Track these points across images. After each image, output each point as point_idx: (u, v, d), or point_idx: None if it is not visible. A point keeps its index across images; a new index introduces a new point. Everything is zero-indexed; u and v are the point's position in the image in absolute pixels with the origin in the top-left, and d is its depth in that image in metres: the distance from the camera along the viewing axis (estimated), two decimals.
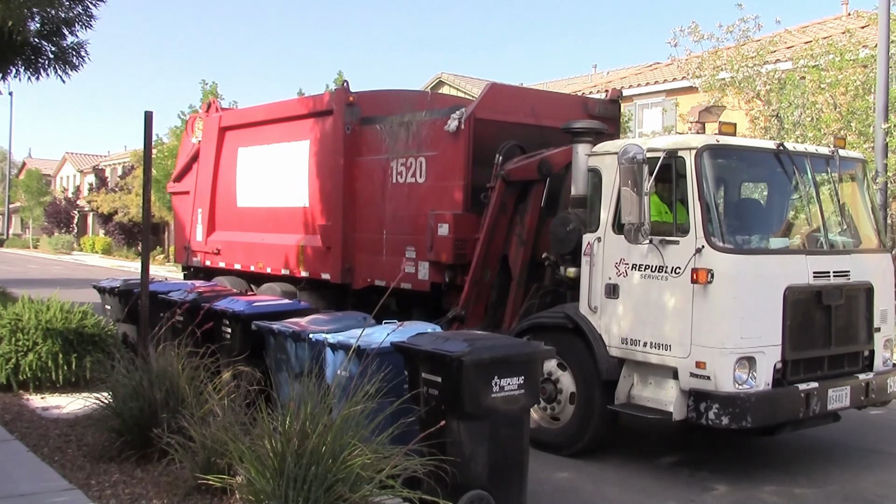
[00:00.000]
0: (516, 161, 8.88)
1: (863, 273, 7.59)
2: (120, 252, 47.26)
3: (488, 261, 8.89)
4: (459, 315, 8.81)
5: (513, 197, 8.86)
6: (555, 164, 8.70)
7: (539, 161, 8.68)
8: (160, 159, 31.16)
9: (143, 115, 7.83)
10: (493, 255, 8.91)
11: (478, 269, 8.83)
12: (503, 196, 8.80)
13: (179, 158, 15.12)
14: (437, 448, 5.32)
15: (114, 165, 58.60)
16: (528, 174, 8.73)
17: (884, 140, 12.16)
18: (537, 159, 8.72)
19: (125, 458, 6.45)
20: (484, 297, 9.02)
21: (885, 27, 12.27)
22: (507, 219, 8.88)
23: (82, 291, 13.99)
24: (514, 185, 8.83)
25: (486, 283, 8.98)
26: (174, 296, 9.40)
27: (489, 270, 8.94)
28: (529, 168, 8.73)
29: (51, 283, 17.90)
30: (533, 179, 8.73)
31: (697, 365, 6.76)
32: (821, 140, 13.35)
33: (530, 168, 8.72)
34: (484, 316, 9.07)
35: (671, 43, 17.03)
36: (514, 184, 8.82)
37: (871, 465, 7.79)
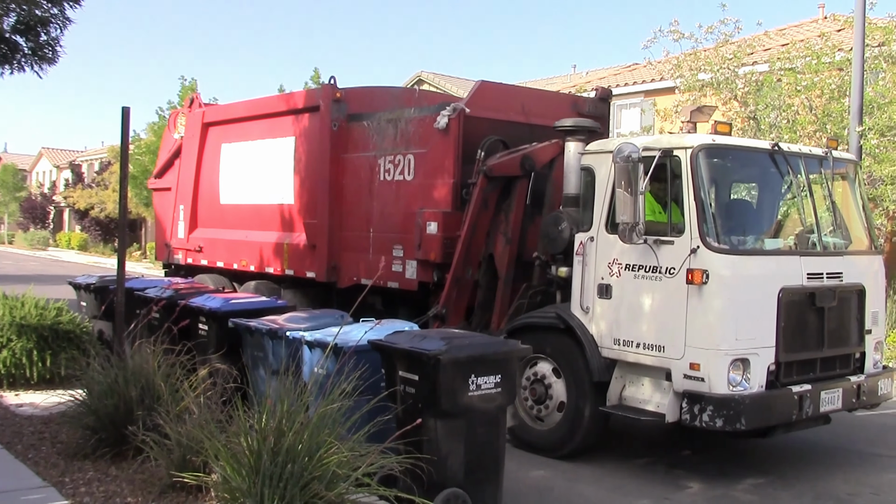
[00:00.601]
0: (499, 156, 8.74)
1: (855, 275, 7.56)
2: (96, 248, 46.77)
3: (470, 258, 8.77)
4: (440, 314, 8.67)
5: (495, 193, 8.71)
6: (538, 159, 8.60)
7: (522, 156, 8.57)
8: (137, 155, 30.81)
9: (121, 110, 7.77)
10: (474, 253, 8.79)
11: (459, 266, 8.69)
12: (485, 192, 8.63)
13: (161, 154, 14.90)
14: (414, 446, 5.33)
15: (90, 161, 58.04)
16: (511, 170, 8.59)
17: (858, 143, 12.22)
18: (520, 155, 8.60)
19: (100, 456, 6.42)
20: (465, 296, 8.89)
21: (861, 31, 12.33)
22: (489, 216, 8.74)
23: (58, 288, 13.86)
24: (496, 181, 8.67)
25: (468, 281, 8.85)
26: (150, 293, 9.27)
27: (470, 268, 8.82)
28: (512, 164, 8.59)
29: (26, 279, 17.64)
30: (516, 175, 8.60)
31: (691, 366, 6.69)
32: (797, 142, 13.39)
33: (513, 164, 8.58)
34: (465, 314, 8.97)
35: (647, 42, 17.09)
36: (497, 180, 8.66)
37: (843, 464, 7.82)
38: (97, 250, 46.22)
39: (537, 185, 8.68)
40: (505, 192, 8.73)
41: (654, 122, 19.61)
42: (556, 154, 8.65)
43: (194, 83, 30.10)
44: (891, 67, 14.44)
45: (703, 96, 16.02)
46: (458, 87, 27.55)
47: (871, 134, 13.30)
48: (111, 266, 30.42)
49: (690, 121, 8.26)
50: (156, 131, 30.12)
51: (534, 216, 8.71)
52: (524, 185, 8.63)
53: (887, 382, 7.83)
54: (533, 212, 8.71)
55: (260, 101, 12.57)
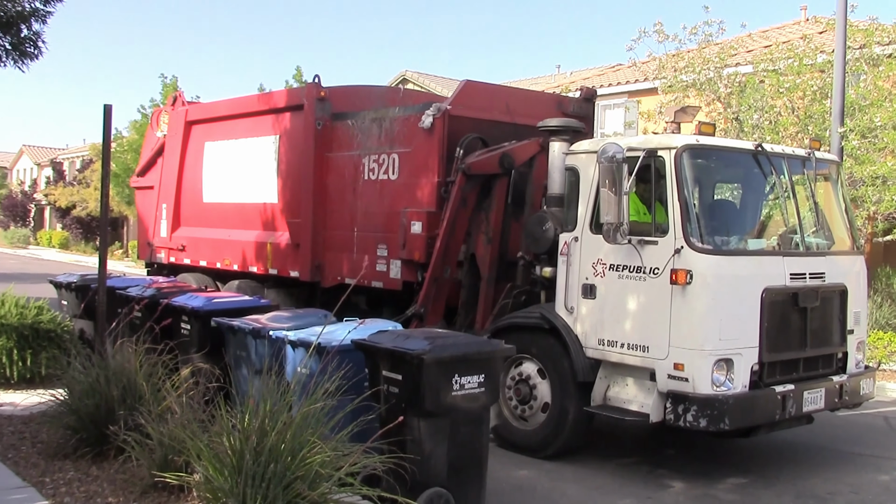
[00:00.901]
0: (477, 154, 8.70)
1: (837, 275, 7.60)
2: (77, 247, 46.42)
3: (448, 257, 8.73)
4: (419, 313, 8.64)
5: (474, 191, 8.68)
6: (517, 157, 8.58)
7: (501, 154, 8.54)
8: (119, 153, 30.57)
9: (103, 108, 7.74)
10: (452, 252, 8.76)
11: (437, 266, 8.65)
12: (464, 190, 8.59)
13: (143, 152, 14.78)
14: (397, 446, 5.33)
15: (72, 159, 57.58)
16: (490, 168, 8.55)
17: (839, 144, 12.31)
18: (499, 153, 8.58)
19: (80, 456, 6.38)
20: (444, 295, 8.87)
21: (842, 33, 12.41)
22: (467, 214, 8.71)
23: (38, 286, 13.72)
24: (475, 180, 8.63)
25: (447, 281, 8.82)
26: (132, 291, 9.22)
27: (449, 267, 8.79)
28: (491, 161, 8.56)
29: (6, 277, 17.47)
30: (495, 174, 8.57)
31: (675, 366, 6.70)
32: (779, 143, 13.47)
33: (492, 161, 8.55)
34: (445, 314, 8.96)
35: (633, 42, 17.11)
36: (476, 178, 8.62)
37: (823, 463, 7.88)
38: (78, 249, 45.88)
39: (518, 184, 8.67)
40: (485, 190, 8.71)
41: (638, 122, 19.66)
42: (535, 152, 8.65)
43: (175, 81, 29.90)
44: (872, 70, 14.53)
45: (685, 97, 16.08)
46: (443, 87, 27.54)
47: (853, 135, 13.38)
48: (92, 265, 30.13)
49: (674, 121, 8.26)
50: (138, 129, 29.88)
51: (515, 215, 8.70)
52: (504, 184, 8.61)
53: (869, 382, 7.88)
54: (514, 211, 8.70)
55: (244, 99, 12.51)
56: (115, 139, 31.60)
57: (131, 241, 37.59)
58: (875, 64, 14.62)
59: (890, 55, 14.67)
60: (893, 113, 13.28)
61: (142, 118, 30.49)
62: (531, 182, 8.66)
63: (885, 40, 14.99)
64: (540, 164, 8.63)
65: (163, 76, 31.05)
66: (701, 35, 16.55)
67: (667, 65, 16.68)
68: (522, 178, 8.67)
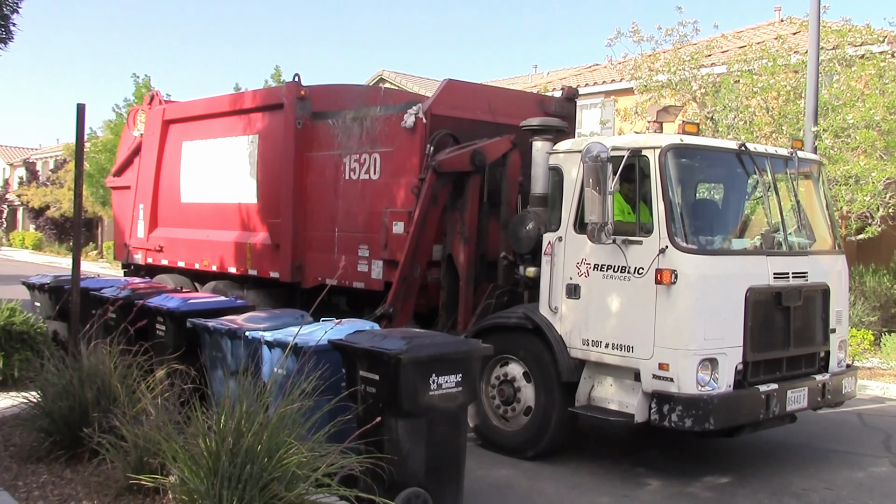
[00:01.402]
0: (448, 151, 8.61)
1: (820, 274, 7.64)
2: (51, 248, 45.86)
3: (418, 256, 8.66)
4: (388, 313, 8.55)
5: (445, 189, 8.58)
6: (489, 154, 8.53)
7: (472, 152, 8.47)
8: (93, 153, 30.20)
9: (76, 107, 7.62)
10: (423, 251, 8.69)
11: (407, 265, 8.57)
12: (434, 188, 8.48)
13: (120, 152, 14.59)
14: (375, 446, 5.33)
15: (45, 159, 56.88)
16: (461, 165, 8.47)
17: (813, 143, 12.42)
18: (470, 150, 8.50)
19: (54, 459, 6.31)
20: (413, 295, 8.79)
21: (815, 34, 12.52)
22: (438, 212, 8.63)
23: (11, 288, 13.58)
24: (446, 177, 8.53)
25: (416, 280, 8.74)
26: (107, 293, 9.11)
27: (419, 266, 8.71)
28: (462, 159, 8.47)
29: None
30: (467, 171, 8.49)
31: (660, 366, 6.70)
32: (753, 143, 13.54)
33: (463, 159, 8.47)
34: (425, 315, 8.92)
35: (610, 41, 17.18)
36: (447, 175, 8.52)
37: (799, 460, 7.94)
38: (52, 250, 45.33)
39: (492, 182, 8.63)
40: (457, 189, 8.62)
41: (614, 121, 19.73)
42: (507, 149, 8.62)
43: (147, 80, 29.57)
44: (845, 70, 14.68)
45: (661, 97, 16.16)
46: (420, 87, 27.47)
47: (826, 135, 13.50)
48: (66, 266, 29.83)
49: (657, 121, 8.30)
50: (113, 129, 29.52)
51: (490, 214, 8.66)
52: (477, 182, 8.55)
53: (851, 381, 7.93)
54: (490, 210, 8.66)
55: (222, 98, 12.38)
56: (90, 139, 31.21)
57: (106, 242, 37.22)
58: (848, 64, 14.77)
59: (863, 56, 14.82)
60: (866, 112, 13.42)
61: (116, 118, 30.11)
62: (505, 180, 8.61)
63: (857, 41, 15.14)
64: (513, 161, 8.59)
65: (135, 76, 30.73)
66: (676, 36, 16.67)
67: (642, 65, 16.77)
68: (496, 176, 8.63)
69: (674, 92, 16.18)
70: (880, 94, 13.64)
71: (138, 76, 29.81)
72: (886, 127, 13.46)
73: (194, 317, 7.78)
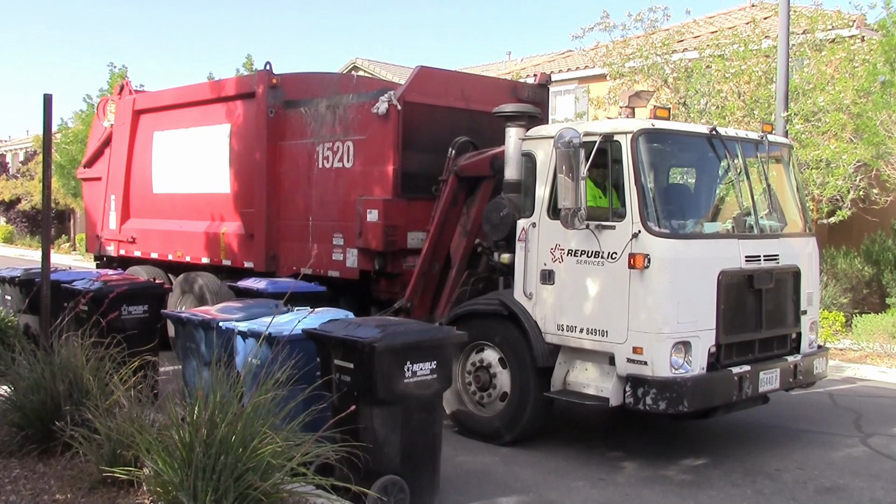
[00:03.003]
0: (468, 157, 8.72)
1: (790, 257, 7.72)
2: (23, 241, 45.24)
3: (437, 254, 8.72)
4: (405, 307, 8.61)
5: (464, 192, 8.72)
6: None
7: (491, 157, 8.52)
8: (64, 144, 29.85)
9: (42, 98, 7.52)
10: (441, 248, 8.75)
11: (426, 261, 8.63)
12: (455, 191, 8.64)
13: (90, 143, 14.43)
14: (350, 434, 5.33)
15: (15, 151, 56.06)
16: (481, 170, 8.57)
17: (784, 128, 12.54)
18: (489, 156, 8.55)
19: (26, 453, 6.24)
20: (431, 289, 8.84)
21: (785, 19, 12.61)
22: (457, 212, 8.73)
23: None
24: (466, 181, 8.68)
25: (434, 275, 8.80)
26: (78, 285, 9.01)
27: (437, 263, 8.78)
28: (482, 164, 8.57)
29: None
30: (484, 175, 8.59)
31: (634, 350, 6.75)
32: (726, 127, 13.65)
33: (483, 164, 8.56)
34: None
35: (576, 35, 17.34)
36: (467, 179, 8.67)
37: (771, 441, 8.03)
38: (24, 243, 44.73)
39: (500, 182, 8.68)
40: (471, 189, 8.73)
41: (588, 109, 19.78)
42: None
43: (124, 70, 29.19)
44: (815, 54, 14.79)
45: (634, 83, 16.22)
46: (393, 75, 27.34)
47: (797, 119, 13.62)
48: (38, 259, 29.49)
49: (629, 106, 8.29)
50: (84, 120, 29.15)
51: None
52: (490, 184, 8.62)
53: (822, 362, 8.03)
54: None
55: (193, 87, 12.27)
56: (60, 130, 30.84)
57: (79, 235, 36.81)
58: (818, 49, 14.88)
59: (832, 40, 14.94)
60: (836, 95, 13.54)
61: (88, 108, 29.73)
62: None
63: (827, 26, 15.26)
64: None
65: (111, 65, 30.35)
66: (646, 21, 16.73)
67: (613, 51, 16.82)
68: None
69: (646, 77, 16.25)
70: (850, 78, 13.77)
71: (115, 66, 29.45)
72: (856, 110, 13.60)
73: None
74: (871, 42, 14.74)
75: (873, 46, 14.31)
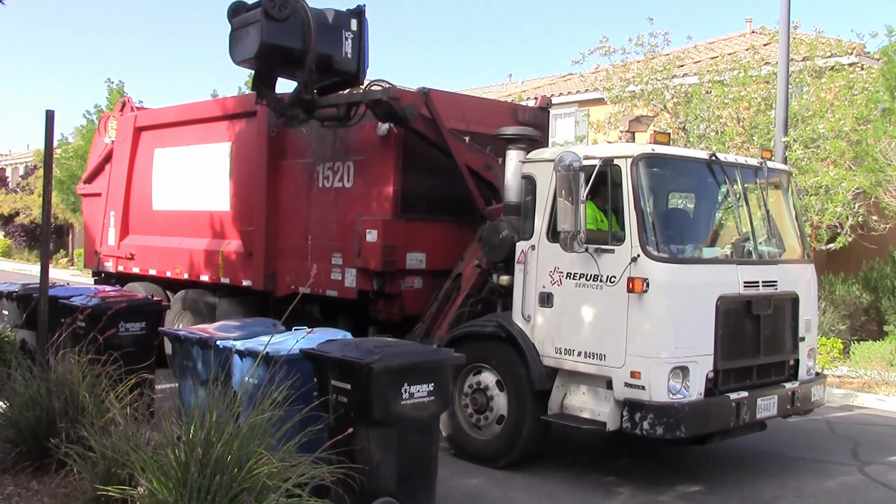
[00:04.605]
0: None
1: (789, 283, 7.72)
2: (21, 255, 45.20)
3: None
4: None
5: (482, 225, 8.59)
6: None
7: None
8: (64, 159, 29.89)
9: (45, 114, 7.54)
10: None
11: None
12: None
13: (90, 159, 14.44)
14: (346, 456, 5.29)
15: (15, 165, 56.15)
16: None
17: (783, 154, 12.59)
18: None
19: (20, 470, 6.24)
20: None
21: (785, 45, 12.71)
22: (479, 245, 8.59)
23: None
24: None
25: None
26: (76, 301, 9.00)
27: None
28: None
29: None
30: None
31: (632, 374, 6.73)
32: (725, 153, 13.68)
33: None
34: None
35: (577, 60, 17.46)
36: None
37: (768, 468, 8.00)
38: (22, 257, 44.68)
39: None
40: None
41: (588, 132, 19.86)
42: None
43: (121, 86, 29.31)
44: (815, 81, 14.88)
45: (633, 108, 16.30)
46: None
47: (796, 145, 13.68)
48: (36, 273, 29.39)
49: (629, 130, 8.34)
50: (84, 135, 29.20)
51: None
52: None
53: (820, 389, 8.01)
54: None
55: (195, 105, 12.30)
56: (60, 145, 30.88)
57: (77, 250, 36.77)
58: (818, 76, 14.97)
59: (832, 67, 15.03)
60: (835, 122, 13.60)
61: (88, 123, 29.80)
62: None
63: (826, 53, 15.36)
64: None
65: (109, 81, 30.44)
66: (647, 46, 16.83)
67: (614, 76, 16.91)
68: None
69: (646, 103, 16.33)
70: (849, 105, 13.84)
71: (112, 81, 29.55)
72: (855, 137, 13.66)
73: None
74: (870, 70, 14.83)
75: (873, 74, 14.39)
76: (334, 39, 8.66)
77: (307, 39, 8.45)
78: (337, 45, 8.69)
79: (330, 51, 8.66)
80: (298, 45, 8.45)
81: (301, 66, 8.58)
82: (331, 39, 8.65)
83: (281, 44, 8.39)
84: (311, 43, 8.44)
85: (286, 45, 8.42)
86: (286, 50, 8.46)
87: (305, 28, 8.45)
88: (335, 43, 8.69)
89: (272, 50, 8.42)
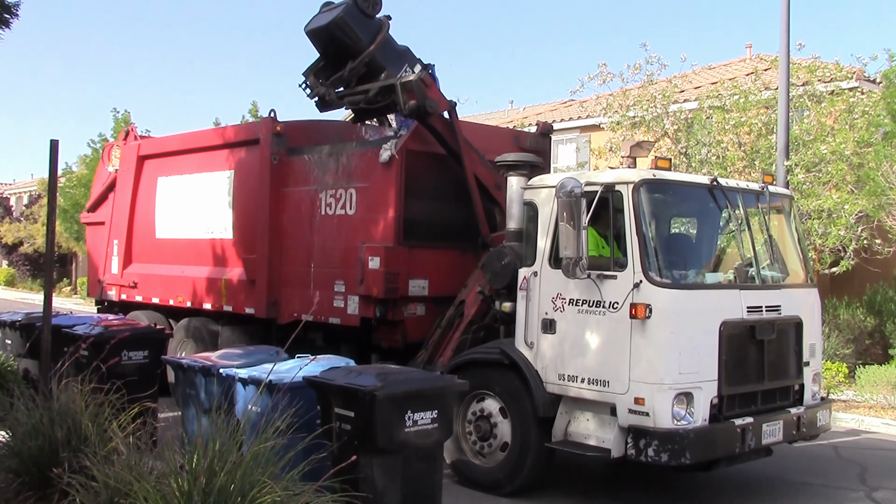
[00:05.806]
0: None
1: (792, 307, 7.70)
2: (24, 284, 45.26)
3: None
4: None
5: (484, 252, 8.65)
6: None
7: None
8: (68, 188, 29.97)
9: (49, 143, 7.55)
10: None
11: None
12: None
13: (94, 187, 14.51)
14: (350, 484, 5.26)
15: (19, 194, 56.39)
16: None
17: (785, 178, 12.62)
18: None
19: (23, 500, 6.14)
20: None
21: (785, 71, 12.78)
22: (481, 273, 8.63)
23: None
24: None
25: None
26: (79, 329, 8.99)
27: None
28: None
29: None
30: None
31: (636, 401, 6.70)
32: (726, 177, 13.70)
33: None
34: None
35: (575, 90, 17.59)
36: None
37: (775, 494, 7.96)
38: (25, 286, 44.75)
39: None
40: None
41: (590, 158, 19.91)
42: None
43: (127, 115, 29.45)
44: (815, 106, 14.93)
45: (633, 134, 16.34)
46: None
47: (798, 169, 13.70)
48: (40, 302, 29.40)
49: (630, 156, 8.35)
50: (88, 164, 29.35)
51: None
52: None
53: (825, 414, 7.96)
54: None
55: (198, 133, 12.37)
56: (64, 174, 30.99)
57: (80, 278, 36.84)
58: (818, 100, 15.02)
59: (832, 92, 15.09)
60: (836, 146, 13.63)
61: (92, 153, 29.94)
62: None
63: (826, 77, 15.42)
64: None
65: (115, 111, 30.59)
66: (644, 73, 16.92)
67: (613, 103, 16.99)
68: None
69: (647, 130, 16.38)
70: (849, 129, 13.88)
71: (118, 111, 29.70)
72: (857, 161, 13.68)
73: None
74: (871, 94, 14.88)
75: (873, 98, 14.44)
76: (394, 62, 9.18)
77: (373, 41, 9.01)
78: (393, 67, 9.14)
79: (385, 64, 9.12)
80: (364, 40, 9.02)
81: (355, 58, 9.06)
82: (391, 59, 9.19)
83: (353, 27, 8.97)
84: (375, 45, 9.04)
85: (356, 32, 9.00)
86: (352, 36, 9.03)
87: (378, 34, 9.07)
88: (394, 64, 9.15)
89: (342, 29, 8.95)
